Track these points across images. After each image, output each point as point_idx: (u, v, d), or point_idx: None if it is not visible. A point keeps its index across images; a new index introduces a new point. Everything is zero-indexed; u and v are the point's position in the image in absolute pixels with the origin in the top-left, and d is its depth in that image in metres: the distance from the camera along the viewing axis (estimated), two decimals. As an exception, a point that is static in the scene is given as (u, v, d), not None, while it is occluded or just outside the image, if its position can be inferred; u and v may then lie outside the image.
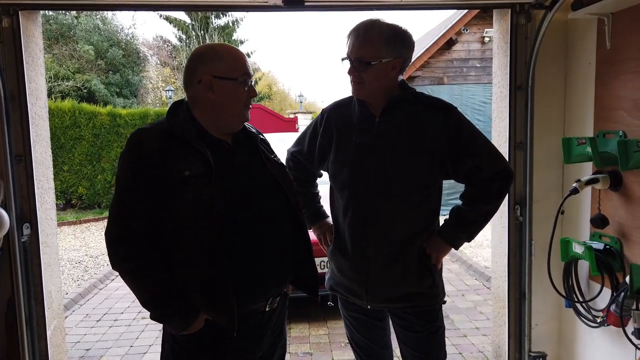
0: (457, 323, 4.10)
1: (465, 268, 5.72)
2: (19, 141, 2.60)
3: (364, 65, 1.69)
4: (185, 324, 1.46)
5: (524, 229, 2.80)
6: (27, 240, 2.65)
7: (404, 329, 1.88)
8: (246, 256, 1.48)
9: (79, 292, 5.07)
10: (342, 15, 6.49)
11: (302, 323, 4.13)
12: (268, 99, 27.04)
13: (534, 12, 2.65)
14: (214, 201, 1.41)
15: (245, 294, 1.48)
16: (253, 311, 1.54)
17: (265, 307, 1.57)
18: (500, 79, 2.92)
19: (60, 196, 10.85)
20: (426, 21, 67.31)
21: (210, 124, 1.53)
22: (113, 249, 1.45)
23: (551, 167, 2.77)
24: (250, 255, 1.49)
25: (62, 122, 10.56)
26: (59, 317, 2.97)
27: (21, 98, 2.59)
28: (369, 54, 1.68)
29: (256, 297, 1.53)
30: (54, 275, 2.91)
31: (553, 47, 2.68)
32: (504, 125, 2.86)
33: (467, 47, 9.53)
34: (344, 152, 1.82)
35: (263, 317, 1.57)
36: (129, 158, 1.46)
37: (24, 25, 2.61)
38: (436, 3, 2.65)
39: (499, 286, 3.04)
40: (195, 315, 1.46)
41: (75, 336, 4.03)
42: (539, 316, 2.84)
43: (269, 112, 13.64)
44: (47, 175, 2.88)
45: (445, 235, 1.83)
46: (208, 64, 1.50)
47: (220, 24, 23.67)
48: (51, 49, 18.39)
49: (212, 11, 19.59)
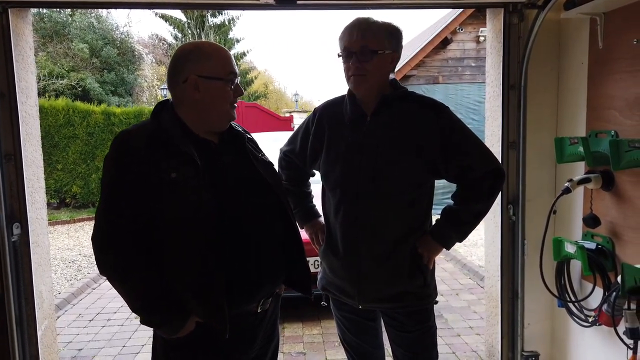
0: (451, 322, 4.10)
1: (460, 267, 5.73)
2: (8, 140, 2.57)
3: (369, 55, 1.68)
4: (176, 329, 1.44)
5: (516, 229, 2.80)
6: (17, 240, 2.63)
7: (395, 329, 1.88)
8: (236, 257, 1.47)
9: (72, 292, 5.04)
10: (337, 14, 6.45)
11: (296, 323, 4.12)
12: (264, 98, 26.98)
13: (527, 12, 2.65)
14: (202, 202, 1.39)
15: (235, 295, 1.46)
16: (245, 312, 1.52)
17: (257, 308, 1.55)
18: (493, 78, 2.92)
19: (55, 195, 10.81)
20: (421, 20, 67.35)
21: (195, 124, 1.50)
22: (101, 255, 1.42)
23: (544, 167, 2.77)
24: (240, 256, 1.48)
25: (56, 121, 10.50)
26: (50, 317, 2.95)
27: (11, 97, 2.56)
28: (375, 43, 1.69)
29: (247, 298, 1.51)
30: (44, 275, 2.89)
31: (546, 46, 2.68)
32: (497, 124, 2.86)
33: (462, 46, 9.53)
34: (335, 150, 1.81)
35: (256, 318, 1.56)
36: (114, 156, 1.43)
37: (14, 23, 2.58)
38: (428, 2, 2.64)
39: (492, 285, 3.04)
40: (185, 319, 1.44)
41: (67, 336, 4.01)
42: (531, 316, 2.85)
43: (264, 110, 13.61)
44: (37, 175, 2.85)
45: (437, 235, 1.83)
46: (194, 63, 1.47)
47: (217, 23, 23.57)
48: (45, 47, 18.28)
49: (205, 9, 19.50)
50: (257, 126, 10.61)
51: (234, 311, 1.45)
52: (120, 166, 1.41)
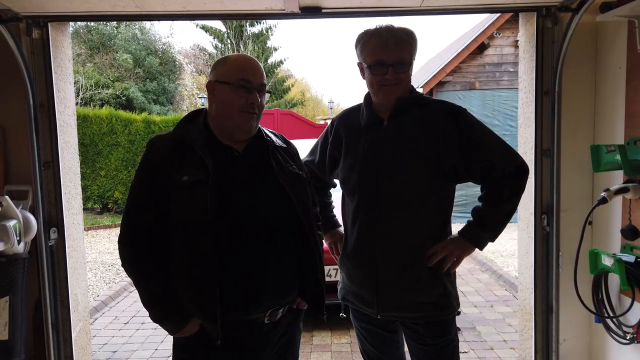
0: (484, 335, 3.98)
1: (496, 278, 5.56)
2: (47, 148, 2.69)
3: (406, 66, 1.71)
4: (177, 327, 1.52)
5: (550, 240, 2.69)
6: (54, 244, 2.74)
7: (414, 342, 1.83)
8: (240, 264, 1.48)
9: (110, 295, 5.20)
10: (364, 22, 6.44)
11: (325, 331, 4.10)
12: (301, 106, 27.18)
13: (561, 15, 2.56)
14: (206, 206, 1.43)
15: (236, 302, 1.48)
16: (251, 321, 1.53)
17: (265, 318, 1.54)
18: (526, 84, 2.83)
19: (97, 200, 11.22)
20: (457, 26, 66.27)
21: (218, 131, 1.57)
22: (120, 249, 1.55)
23: (579, 175, 2.66)
24: (245, 264, 1.49)
25: (99, 129, 10.92)
26: (84, 319, 3.05)
27: (50, 107, 2.69)
28: (409, 56, 1.72)
29: (250, 306, 1.51)
30: (80, 278, 2.99)
31: (581, 50, 2.58)
32: (530, 131, 2.77)
33: (499, 51, 9.31)
34: (352, 157, 1.81)
35: (262, 329, 1.56)
36: (142, 161, 1.56)
37: (53, 37, 2.71)
38: (456, 7, 2.59)
39: (525, 298, 2.93)
40: (186, 320, 1.50)
41: (103, 338, 4.13)
42: (567, 331, 2.73)
43: (299, 118, 13.68)
44: (74, 182, 2.96)
45: (469, 235, 1.79)
46: (215, 69, 1.58)
47: (254, 32, 23.97)
48: (93, 58, 19.09)
49: (230, 20, 19.82)
50: (292, 133, 10.67)
51: (235, 318, 1.49)
52: (144, 169, 1.54)
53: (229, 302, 1.45)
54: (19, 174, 2.68)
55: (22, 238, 2.56)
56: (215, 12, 2.53)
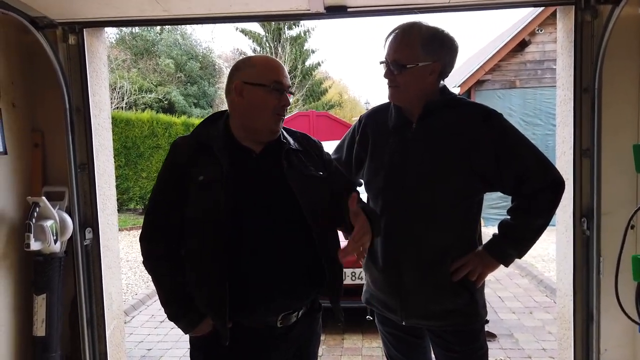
0: (522, 343, 3.83)
1: (536, 283, 5.35)
2: (82, 151, 2.78)
3: (399, 68, 1.63)
4: (190, 326, 1.54)
5: (591, 244, 2.55)
6: (89, 244, 2.83)
7: (441, 349, 1.77)
8: (249, 266, 1.47)
9: (147, 294, 5.33)
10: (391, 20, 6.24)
11: (356, 334, 4.06)
12: (339, 107, 27.18)
13: (601, 8, 2.42)
14: (218, 206, 1.43)
15: (243, 303, 1.47)
16: (263, 325, 1.51)
17: (277, 322, 1.52)
18: (564, 80, 2.70)
19: (139, 201, 11.57)
20: (497, 23, 64.55)
21: (239, 132, 1.56)
22: (142, 246, 1.59)
23: (622, 177, 2.51)
24: (254, 266, 1.47)
25: (141, 132, 11.28)
26: (118, 317, 3.13)
27: (85, 110, 2.77)
28: (405, 57, 1.62)
29: (258, 308, 1.49)
30: (114, 277, 3.07)
31: (622, 45, 2.44)
32: (568, 130, 2.64)
33: (541, 48, 8.98)
34: (379, 158, 1.75)
35: (274, 332, 1.53)
36: (165, 161, 1.60)
37: (89, 42, 2.80)
38: (487, 3, 2.50)
39: (564, 305, 2.80)
40: (199, 319, 1.53)
41: (139, 336, 4.24)
42: (609, 340, 2.58)
43: (335, 119, 13.69)
44: (109, 183, 3.05)
45: (494, 250, 1.70)
46: (241, 71, 1.55)
47: (292, 35, 24.14)
48: (137, 63, 19.76)
49: (255, 22, 19.93)
50: (328, 135, 10.68)
51: (240, 319, 1.48)
52: (166, 169, 1.58)
53: (237, 303, 1.45)
54: (56, 176, 2.79)
55: (58, 238, 2.65)
56: (240, 14, 2.54)
